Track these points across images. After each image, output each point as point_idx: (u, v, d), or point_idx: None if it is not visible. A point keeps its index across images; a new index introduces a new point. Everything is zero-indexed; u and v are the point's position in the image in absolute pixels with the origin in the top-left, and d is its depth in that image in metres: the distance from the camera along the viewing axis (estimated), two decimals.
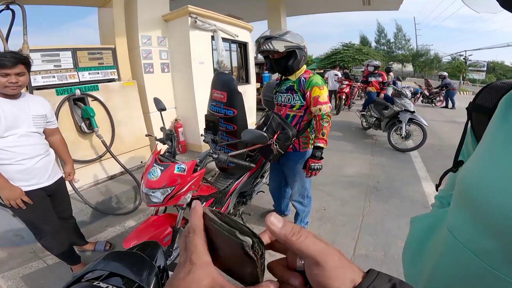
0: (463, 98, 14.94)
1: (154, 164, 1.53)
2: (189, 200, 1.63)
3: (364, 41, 29.95)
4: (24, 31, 2.58)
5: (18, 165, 1.52)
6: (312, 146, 1.98)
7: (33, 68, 2.52)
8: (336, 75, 8.46)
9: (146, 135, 2.41)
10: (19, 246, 2.29)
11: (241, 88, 4.71)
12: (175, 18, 3.72)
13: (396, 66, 28.63)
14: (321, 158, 1.82)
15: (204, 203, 1.87)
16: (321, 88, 1.75)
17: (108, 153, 2.88)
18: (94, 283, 0.49)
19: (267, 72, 7.24)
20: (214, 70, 4.12)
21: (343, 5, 10.34)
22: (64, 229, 1.90)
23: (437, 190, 0.78)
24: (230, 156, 1.64)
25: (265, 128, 1.98)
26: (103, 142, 2.80)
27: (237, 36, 4.59)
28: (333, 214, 2.62)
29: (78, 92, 2.77)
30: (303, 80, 1.81)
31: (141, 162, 3.46)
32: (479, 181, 0.46)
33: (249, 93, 5.11)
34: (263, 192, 2.74)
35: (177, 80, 3.93)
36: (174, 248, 1.80)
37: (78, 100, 2.78)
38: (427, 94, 10.19)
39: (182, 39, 3.70)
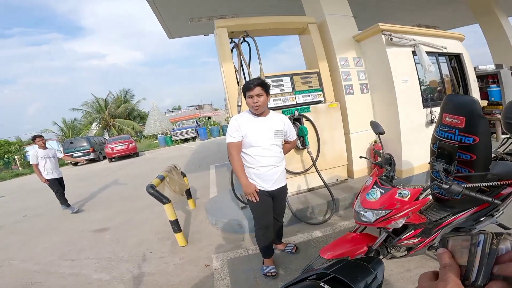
0: None
1: (374, 186, 1.58)
2: (400, 225, 1.57)
3: None
4: (259, 60, 3.30)
5: (256, 169, 1.92)
6: None
7: None
8: None
9: (360, 157, 2.34)
10: (236, 233, 2.88)
11: None
12: (367, 38, 3.65)
13: None
14: None
15: (412, 231, 1.75)
16: None
17: (312, 167, 3.12)
18: (320, 283, 0.52)
19: (494, 85, 5.55)
20: (422, 89, 3.62)
21: None
22: (273, 227, 2.16)
23: None
24: (466, 188, 1.46)
25: None
26: (312, 159, 3.05)
27: (445, 48, 3.87)
28: None
29: (296, 113, 3.21)
30: None
31: (337, 180, 3.52)
32: None
33: None
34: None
35: (376, 101, 3.76)
36: None
37: (296, 120, 3.21)
38: None
39: (379, 58, 3.54)
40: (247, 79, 3.51)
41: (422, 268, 2.08)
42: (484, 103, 4.51)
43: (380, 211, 1.51)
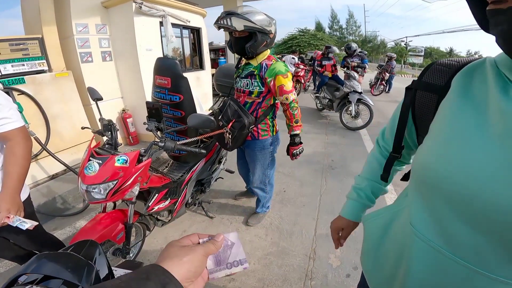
0: (404, 80, 16.46)
1: (91, 158, 1.40)
2: (137, 193, 1.53)
3: (318, 26, 30.71)
4: None
5: None
6: (272, 134, 1.92)
7: None
8: (293, 58, 8.63)
9: (82, 128, 2.12)
10: None
11: (195, 74, 4.64)
12: (117, 5, 3.42)
13: None
14: (300, 142, 1.88)
15: (156, 195, 1.77)
16: (285, 76, 1.68)
17: (44, 151, 2.57)
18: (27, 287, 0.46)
19: (223, 57, 7.04)
20: (165, 56, 3.89)
21: None
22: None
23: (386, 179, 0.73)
24: (179, 144, 1.54)
25: (220, 116, 1.89)
26: (37, 139, 2.48)
27: (189, 22, 4.38)
28: (293, 196, 2.67)
29: (0, 86, 2.40)
30: (264, 66, 1.71)
31: None
32: (457, 171, 0.40)
33: (203, 79, 4.97)
34: (222, 178, 2.71)
35: (122, 69, 3.63)
36: (131, 246, 1.70)
37: None
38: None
39: (126, 26, 3.42)
40: None
41: (197, 224, 2.25)
42: (213, 71, 5.70)
43: (110, 184, 1.34)
